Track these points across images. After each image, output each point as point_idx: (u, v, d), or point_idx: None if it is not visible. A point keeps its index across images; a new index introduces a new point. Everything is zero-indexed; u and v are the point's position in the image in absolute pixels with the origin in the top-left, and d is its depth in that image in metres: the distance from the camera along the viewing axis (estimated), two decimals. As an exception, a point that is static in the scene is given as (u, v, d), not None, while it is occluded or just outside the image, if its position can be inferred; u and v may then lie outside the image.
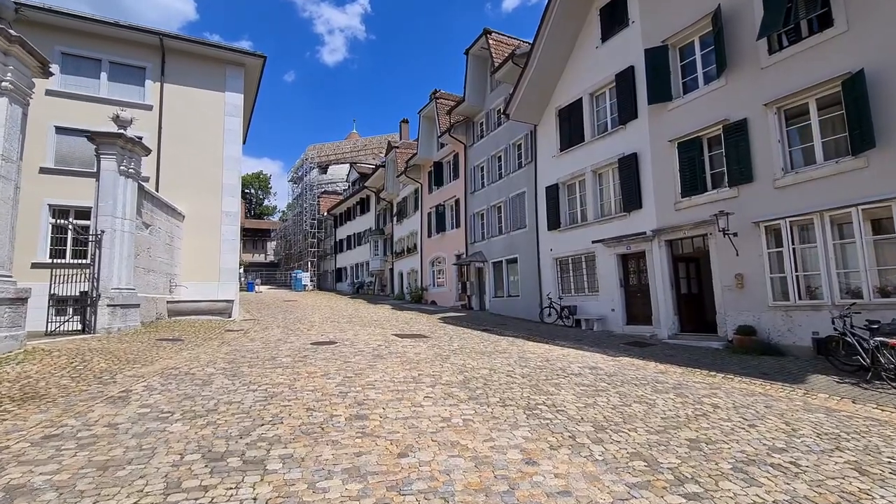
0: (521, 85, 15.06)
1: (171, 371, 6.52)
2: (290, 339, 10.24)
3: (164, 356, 7.95)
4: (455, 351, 8.93)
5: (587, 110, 13.80)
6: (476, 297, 20.13)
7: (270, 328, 12.60)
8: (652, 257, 11.44)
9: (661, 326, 11.17)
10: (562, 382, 6.37)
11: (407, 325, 13.78)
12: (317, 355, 8.10)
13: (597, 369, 7.53)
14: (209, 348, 8.98)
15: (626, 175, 12.15)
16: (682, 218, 10.71)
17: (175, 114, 16.31)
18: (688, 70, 11.13)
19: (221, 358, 7.71)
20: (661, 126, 11.35)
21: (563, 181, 14.63)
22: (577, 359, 8.57)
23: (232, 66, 17.62)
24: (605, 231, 12.88)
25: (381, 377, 6.35)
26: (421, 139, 24.99)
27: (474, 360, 8.01)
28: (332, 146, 47.91)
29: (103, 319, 10.44)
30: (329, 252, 44.81)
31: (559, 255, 14.72)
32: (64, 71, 15.29)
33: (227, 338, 10.65)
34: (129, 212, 11.39)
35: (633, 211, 11.99)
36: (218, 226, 16.59)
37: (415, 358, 8.01)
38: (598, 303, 13.11)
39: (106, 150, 11.02)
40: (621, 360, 8.63)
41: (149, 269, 13.03)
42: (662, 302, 11.14)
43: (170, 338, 10.33)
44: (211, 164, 16.69)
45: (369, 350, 8.79)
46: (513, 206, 17.47)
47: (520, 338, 11.50)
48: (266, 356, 7.94)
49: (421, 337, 10.92)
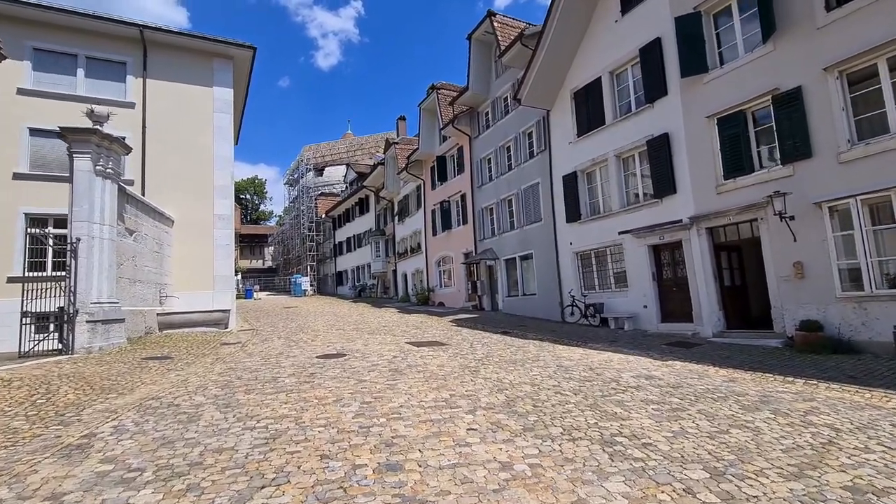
0: (532, 67, 13.94)
1: (151, 402, 5.39)
2: (293, 352, 9.11)
3: (148, 380, 6.82)
4: (482, 361, 7.83)
5: (607, 90, 12.68)
6: (487, 297, 19.01)
7: (270, 339, 11.47)
8: (690, 247, 10.33)
9: (703, 323, 10.08)
10: (625, 400, 5.26)
11: (419, 330, 12.67)
12: (325, 373, 6.98)
13: (654, 379, 6.43)
14: (201, 367, 7.85)
15: (657, 158, 11.05)
16: (725, 202, 9.61)
17: (160, 111, 15.13)
18: (724, 38, 10.02)
19: (214, 381, 6.58)
20: (696, 102, 10.24)
21: (582, 169, 13.51)
22: (622, 365, 7.47)
23: (220, 59, 16.45)
24: (633, 221, 11.78)
25: (405, 401, 5.23)
26: (422, 133, 23.82)
27: (508, 372, 6.90)
28: (328, 146, 46.69)
29: (82, 338, 9.28)
30: (328, 255, 43.58)
31: (580, 248, 13.61)
32: (37, 68, 14.12)
33: (223, 353, 9.52)
34: (108, 217, 10.24)
35: (666, 197, 10.89)
36: (210, 230, 15.42)
37: (439, 372, 6.90)
38: (628, 299, 12.00)
39: (79, 148, 9.87)
40: (673, 364, 7.53)
41: (135, 279, 11.88)
42: (704, 296, 10.04)
43: (158, 356, 9.20)
44: (200, 165, 15.52)
45: (384, 363, 7.67)
46: (525, 198, 16.34)
47: (546, 341, 10.40)
48: (266, 376, 6.82)
49: (438, 345, 9.81)
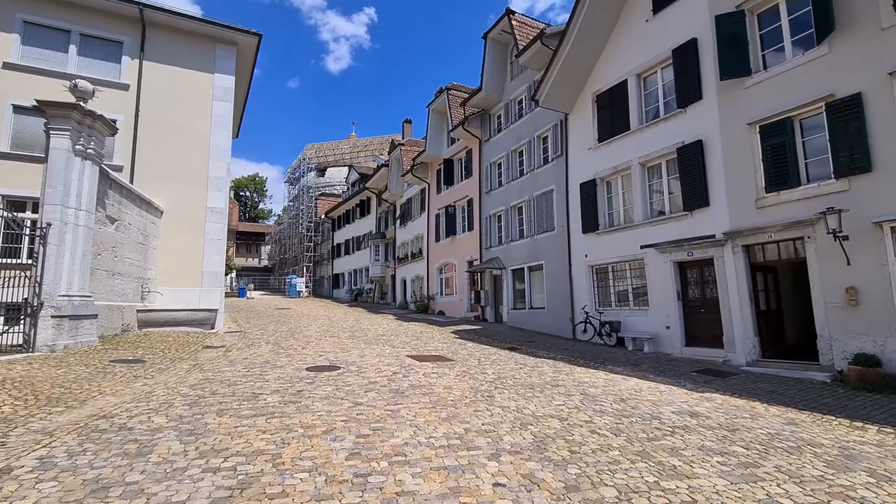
0: (553, 67, 13.13)
1: (99, 423, 4.42)
2: (281, 362, 8.14)
3: (108, 389, 5.84)
4: (494, 383, 6.87)
5: (633, 94, 11.85)
6: (491, 309, 18.04)
7: (258, 345, 10.48)
8: (723, 265, 9.43)
9: (735, 350, 9.14)
10: (678, 446, 4.31)
11: (419, 341, 11.70)
12: (315, 390, 6.01)
13: (700, 417, 5.49)
14: (174, 375, 6.87)
15: (688, 167, 10.18)
16: (766, 218, 8.73)
17: (155, 95, 14.26)
18: (768, 40, 9.22)
19: (184, 395, 5.60)
20: (735, 107, 9.41)
21: (602, 177, 12.64)
22: (655, 395, 6.53)
23: (222, 45, 15.62)
24: (657, 234, 10.89)
25: (411, 436, 4.27)
26: (429, 135, 23.00)
27: (527, 399, 5.95)
28: (331, 146, 45.88)
29: (46, 334, 8.29)
30: (326, 257, 42.56)
31: (596, 262, 12.69)
32: (26, 42, 13.28)
33: (203, 358, 8.54)
34: (85, 201, 9.30)
35: (697, 210, 10.00)
36: (202, 224, 14.47)
37: (447, 396, 5.94)
38: (648, 319, 11.06)
39: (57, 125, 8.95)
40: (713, 398, 6.59)
41: (113, 271, 10.90)
42: (738, 320, 9.12)
43: (129, 358, 8.21)
44: (195, 154, 14.61)
45: (383, 381, 6.71)
46: (537, 206, 15.45)
47: (561, 361, 9.45)
48: (246, 392, 5.85)
49: (443, 360, 8.84)
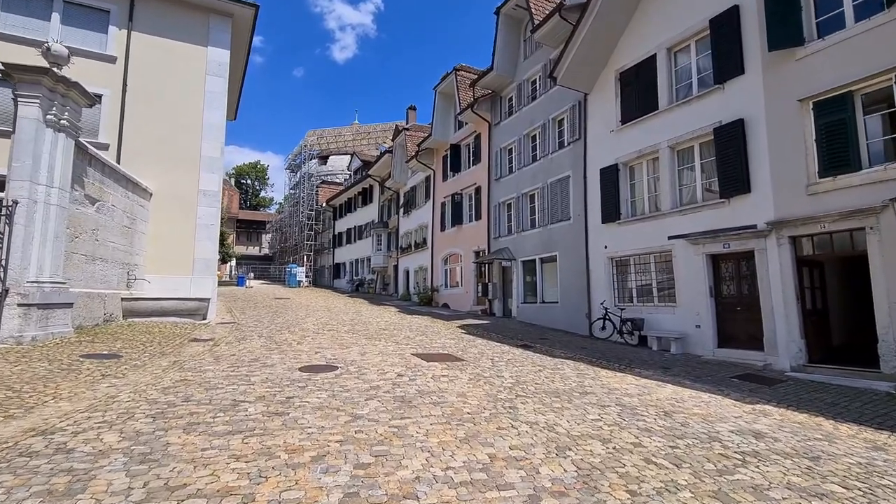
0: (573, 42, 12.08)
1: (34, 441, 3.54)
2: (272, 360, 7.26)
3: (65, 393, 4.98)
4: (514, 390, 5.99)
5: (663, 70, 10.81)
6: (499, 302, 17.15)
7: (249, 338, 9.62)
8: (765, 259, 8.49)
9: (777, 353, 8.23)
10: (761, 485, 3.42)
11: (424, 336, 10.82)
12: (307, 397, 5.13)
13: (765, 438, 4.59)
14: (148, 375, 6.01)
15: (726, 150, 9.19)
16: (818, 206, 7.76)
17: (144, 69, 13.28)
18: (823, 6, 8.18)
19: (152, 401, 4.72)
20: (784, 82, 8.39)
21: (626, 161, 11.65)
22: (702, 408, 5.64)
23: (217, 16, 14.57)
24: (688, 224, 9.93)
25: (423, 467, 3.39)
26: (436, 119, 21.94)
27: (556, 412, 5.06)
28: (333, 132, 44.79)
29: (11, 325, 7.42)
30: (327, 246, 41.67)
31: (617, 253, 11.75)
32: (5, 9, 12.28)
33: (186, 354, 7.68)
34: (59, 178, 8.39)
35: (736, 197, 9.03)
36: (194, 207, 13.56)
37: (462, 407, 5.05)
38: (676, 317, 10.15)
39: (26, 91, 8.05)
40: (768, 412, 5.70)
41: (94, 256, 10.02)
42: (781, 319, 8.20)
43: (104, 352, 7.36)
44: (187, 133, 13.66)
45: (386, 385, 5.83)
46: (552, 193, 14.47)
47: (581, 362, 8.56)
48: (225, 399, 4.97)
49: (452, 359, 7.96)
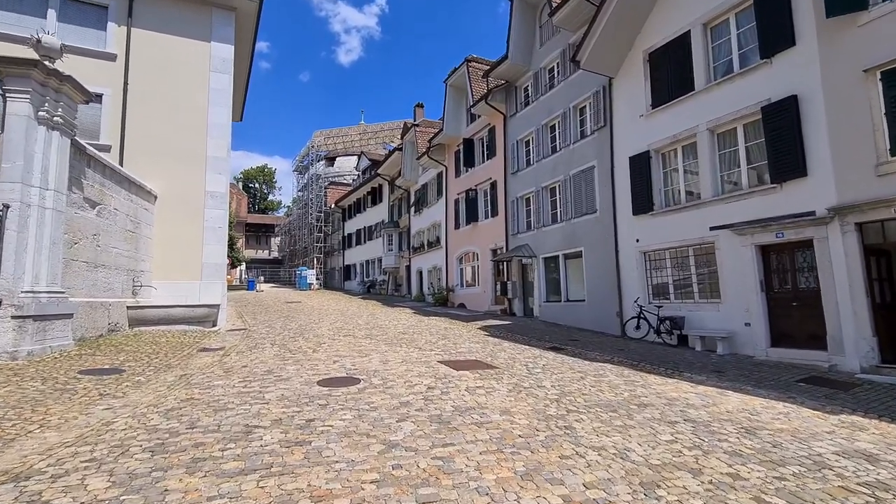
0: (597, 23, 11.28)
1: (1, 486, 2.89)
2: (287, 371, 6.61)
3: (54, 419, 4.35)
4: (561, 403, 5.26)
5: (698, 48, 9.99)
6: (519, 301, 16.39)
7: (262, 346, 8.99)
8: (826, 249, 7.66)
9: (843, 352, 7.41)
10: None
11: (447, 340, 10.13)
12: (330, 420, 4.45)
13: (881, 462, 3.83)
14: (150, 393, 5.37)
15: (777, 130, 8.37)
16: (892, 188, 6.93)
17: (146, 66, 12.72)
18: (887, -35, 7.34)
19: (150, 430, 4.06)
20: (844, 52, 7.56)
21: (657, 148, 10.84)
22: (782, 421, 4.88)
23: (220, 10, 13.99)
24: (732, 213, 9.11)
25: (485, 517, 2.68)
26: (447, 114, 21.21)
27: (621, 432, 4.33)
28: (340, 132, 44.27)
29: (5, 339, 6.84)
30: (336, 248, 41.15)
31: (650, 247, 10.95)
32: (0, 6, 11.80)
33: (194, 366, 7.05)
34: (54, 180, 7.80)
35: (790, 182, 8.20)
36: (200, 209, 12.96)
37: (510, 428, 4.34)
38: (720, 314, 9.34)
39: (15, 86, 7.43)
40: (861, 424, 4.91)
41: (96, 263, 9.45)
42: (848, 316, 7.37)
43: (105, 367, 6.76)
44: (192, 132, 13.08)
45: (418, 401, 5.13)
46: (575, 185, 13.68)
47: (623, 366, 7.80)
48: (236, 423, 4.30)
49: (483, 367, 7.25)
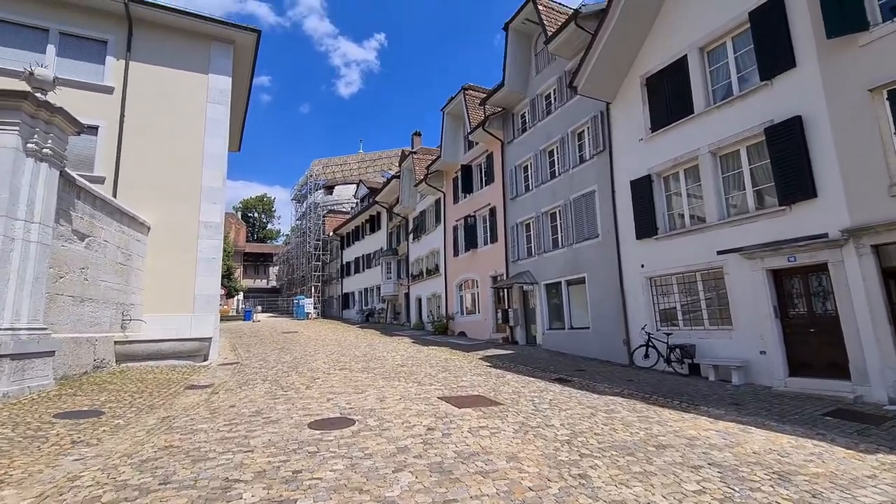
0: (593, 50, 11.33)
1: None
2: (277, 412, 6.18)
3: (15, 475, 3.93)
4: (573, 446, 4.84)
5: (696, 72, 9.96)
6: (521, 329, 15.95)
7: (253, 382, 8.55)
8: (842, 272, 7.35)
9: (869, 382, 7.00)
10: None
11: (447, 373, 9.68)
12: (319, 471, 4.03)
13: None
14: (127, 440, 4.94)
15: (783, 151, 8.20)
16: (906, 208, 6.70)
17: (143, 99, 12.74)
18: (884, -13, 7.33)
19: (118, 487, 3.64)
20: (846, 72, 7.47)
21: (660, 171, 10.68)
22: (817, 464, 4.45)
23: (218, 44, 14.15)
24: (740, 236, 8.85)
25: None
26: (445, 141, 21.28)
27: (641, 481, 3.91)
28: (339, 160, 44.62)
29: (-21, 380, 6.45)
30: (335, 276, 40.79)
31: (656, 272, 10.64)
32: (0, 42, 11.88)
33: (178, 407, 6.62)
34: (40, 212, 7.56)
35: (800, 203, 7.97)
36: (194, 240, 12.73)
37: (519, 479, 3.93)
38: (733, 342, 8.95)
39: (4, 118, 7.28)
40: (901, 465, 4.49)
41: (83, 297, 9.11)
42: (871, 343, 7.00)
43: (84, 409, 6.34)
44: (187, 162, 13.00)
45: (416, 446, 4.71)
46: (576, 210, 13.48)
47: (633, 399, 7.36)
48: (215, 478, 3.87)
49: (485, 402, 6.81)
